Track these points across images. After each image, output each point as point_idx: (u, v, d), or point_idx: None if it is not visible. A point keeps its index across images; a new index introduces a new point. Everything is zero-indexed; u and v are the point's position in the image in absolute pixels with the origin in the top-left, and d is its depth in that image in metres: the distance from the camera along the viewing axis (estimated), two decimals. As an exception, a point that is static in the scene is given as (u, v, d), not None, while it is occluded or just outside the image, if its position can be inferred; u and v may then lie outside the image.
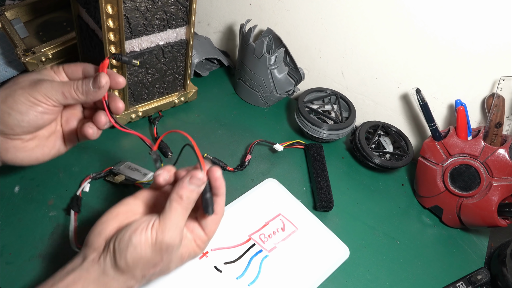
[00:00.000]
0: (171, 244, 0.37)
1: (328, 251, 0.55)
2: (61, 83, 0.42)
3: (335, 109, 0.75)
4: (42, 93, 0.41)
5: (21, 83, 0.42)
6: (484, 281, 0.57)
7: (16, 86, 0.41)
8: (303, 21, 0.74)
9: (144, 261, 0.37)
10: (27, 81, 0.42)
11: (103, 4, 0.50)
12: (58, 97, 0.42)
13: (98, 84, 0.41)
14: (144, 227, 0.37)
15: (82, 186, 0.56)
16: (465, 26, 0.60)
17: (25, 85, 0.41)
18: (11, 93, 0.41)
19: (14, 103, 0.40)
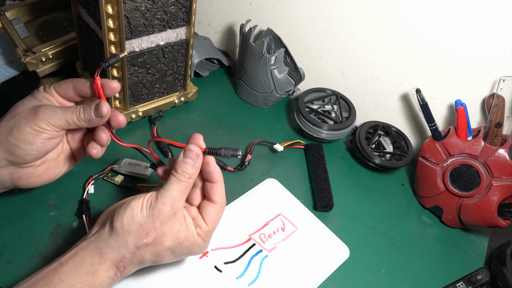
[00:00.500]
0: (162, 210, 0.38)
1: (328, 251, 0.55)
2: (63, 109, 0.43)
3: (335, 109, 0.75)
4: (45, 121, 0.42)
5: (22, 113, 0.42)
6: (484, 281, 0.57)
7: (18, 117, 0.42)
8: (303, 21, 0.74)
9: (137, 224, 0.38)
10: (27, 110, 0.42)
11: (103, 4, 0.50)
12: (61, 124, 0.43)
13: (100, 113, 0.43)
14: (143, 195, 0.40)
15: (87, 188, 0.56)
16: (465, 26, 0.60)
17: (27, 115, 0.42)
18: (16, 125, 0.42)
19: (21, 135, 0.42)
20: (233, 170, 0.64)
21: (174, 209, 0.39)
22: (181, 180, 0.40)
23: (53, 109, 0.42)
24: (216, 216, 0.42)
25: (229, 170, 0.63)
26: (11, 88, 0.69)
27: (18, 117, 0.42)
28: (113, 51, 0.56)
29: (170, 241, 0.40)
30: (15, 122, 0.42)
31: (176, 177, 0.40)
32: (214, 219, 0.42)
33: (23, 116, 0.42)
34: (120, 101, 0.64)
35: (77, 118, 0.43)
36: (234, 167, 0.64)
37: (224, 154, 0.41)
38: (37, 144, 0.42)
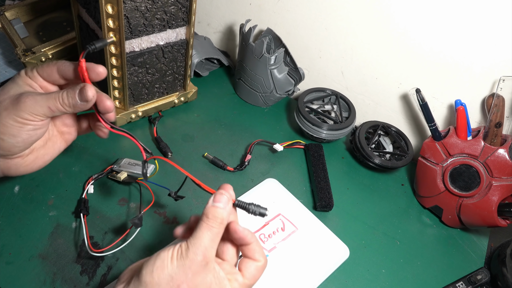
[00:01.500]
0: (194, 260, 0.35)
1: (328, 251, 0.55)
2: (45, 96, 0.40)
3: (335, 109, 0.75)
4: (27, 111, 0.39)
5: (3, 103, 0.40)
6: (484, 281, 0.57)
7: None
8: (303, 21, 0.74)
9: (168, 276, 0.35)
10: (7, 100, 0.40)
11: (103, 4, 0.50)
12: (45, 112, 0.40)
13: (85, 97, 0.40)
14: (173, 246, 0.36)
15: (86, 188, 0.56)
16: (465, 26, 0.60)
17: (7, 105, 0.39)
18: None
19: (4, 127, 0.39)
20: (233, 170, 0.64)
21: (206, 259, 0.36)
22: (213, 226, 0.37)
23: (34, 97, 0.40)
24: (256, 273, 0.39)
25: (229, 170, 0.63)
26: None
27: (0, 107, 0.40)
28: (113, 51, 0.56)
29: None
30: None
31: (207, 223, 0.36)
32: (254, 275, 0.39)
33: (3, 107, 0.39)
34: (120, 101, 0.64)
35: (60, 104, 0.40)
36: (234, 167, 0.64)
37: (253, 210, 0.40)
38: (22, 136, 0.40)
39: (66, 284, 0.47)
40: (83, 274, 0.48)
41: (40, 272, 0.47)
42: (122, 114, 0.64)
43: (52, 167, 0.58)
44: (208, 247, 0.36)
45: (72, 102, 0.40)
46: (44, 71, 0.43)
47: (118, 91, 0.61)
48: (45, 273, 0.47)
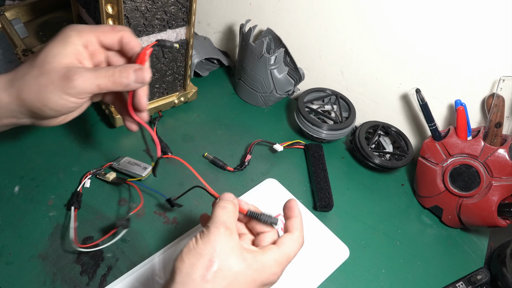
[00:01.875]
0: (217, 232, 0.35)
1: (328, 251, 0.55)
2: (94, 73, 0.38)
3: (335, 109, 0.75)
4: (76, 91, 0.38)
5: (52, 74, 0.38)
6: (484, 281, 0.57)
7: (46, 78, 0.38)
8: (303, 21, 0.74)
9: (197, 255, 0.34)
10: (56, 73, 0.38)
11: (103, 4, 0.50)
12: (93, 90, 0.39)
13: (142, 79, 0.39)
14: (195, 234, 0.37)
15: (83, 182, 0.56)
16: (465, 26, 0.60)
17: (55, 79, 0.38)
18: (43, 90, 0.38)
19: (48, 101, 0.38)
20: (233, 170, 0.64)
21: (229, 230, 0.36)
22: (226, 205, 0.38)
23: (84, 75, 0.38)
24: (292, 243, 0.39)
25: (229, 170, 0.63)
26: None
27: (46, 78, 0.38)
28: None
29: (237, 263, 0.35)
30: (41, 87, 0.38)
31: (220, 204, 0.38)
32: (289, 245, 0.39)
33: (51, 80, 0.37)
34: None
35: (111, 82, 0.38)
36: (234, 167, 0.64)
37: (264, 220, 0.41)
38: (63, 111, 0.40)
39: (66, 284, 0.47)
40: (83, 274, 0.48)
41: (40, 272, 0.47)
42: (122, 114, 0.64)
43: (52, 167, 0.58)
44: (227, 221, 0.36)
45: (125, 82, 0.39)
46: (107, 38, 0.41)
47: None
48: (45, 273, 0.47)
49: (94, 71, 0.39)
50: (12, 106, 0.39)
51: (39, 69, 0.38)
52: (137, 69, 0.39)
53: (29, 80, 0.38)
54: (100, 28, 0.41)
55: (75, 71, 0.38)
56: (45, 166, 0.58)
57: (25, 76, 0.38)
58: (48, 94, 0.38)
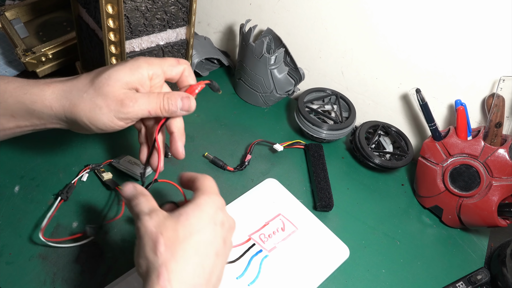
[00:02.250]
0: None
1: (328, 251, 0.55)
2: (146, 99, 0.41)
3: (335, 109, 0.75)
4: (128, 116, 0.40)
5: (108, 98, 0.39)
6: (484, 281, 0.57)
7: (102, 100, 0.39)
8: (303, 21, 0.74)
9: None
10: (114, 97, 0.40)
11: (103, 4, 0.50)
12: (143, 115, 0.41)
13: (188, 107, 0.42)
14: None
15: (80, 175, 0.56)
16: (466, 26, 0.60)
17: (111, 103, 0.39)
18: (96, 110, 0.40)
19: (97, 122, 0.40)
20: (233, 170, 0.64)
21: (148, 214, 0.37)
22: (136, 202, 0.39)
23: (137, 101, 0.40)
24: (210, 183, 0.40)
25: (229, 170, 0.63)
26: (11, 88, 0.69)
27: (103, 100, 0.39)
28: (114, 51, 0.56)
29: (174, 225, 0.36)
30: (96, 106, 0.39)
31: (131, 203, 0.39)
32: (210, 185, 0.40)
33: (107, 103, 0.39)
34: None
35: (160, 109, 0.41)
36: (234, 167, 0.64)
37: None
38: (107, 131, 0.41)
39: (66, 284, 0.47)
40: (83, 274, 0.48)
41: (40, 272, 0.47)
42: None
43: (52, 167, 0.58)
44: (143, 210, 0.37)
45: (172, 109, 0.41)
46: (173, 71, 0.43)
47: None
48: (45, 273, 0.47)
49: (146, 97, 0.41)
50: (61, 115, 0.41)
51: (98, 90, 0.40)
52: (184, 97, 0.42)
53: (85, 98, 0.40)
54: (167, 62, 0.43)
55: (131, 97, 0.40)
56: (45, 166, 0.58)
57: (82, 93, 0.40)
58: (100, 116, 0.40)
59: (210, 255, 0.36)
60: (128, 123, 0.41)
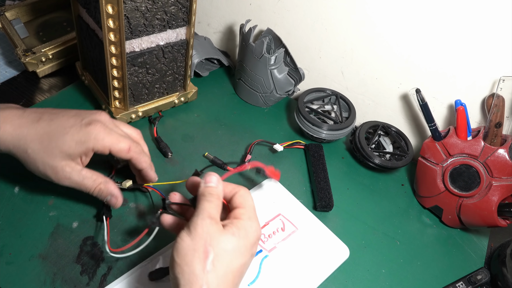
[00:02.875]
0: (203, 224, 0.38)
1: (328, 251, 0.55)
2: (81, 180, 0.47)
3: (335, 109, 0.75)
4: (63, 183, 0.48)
5: (47, 164, 0.46)
6: (484, 281, 0.57)
7: (41, 164, 0.46)
8: (303, 21, 0.74)
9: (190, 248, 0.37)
10: (52, 166, 0.46)
11: (103, 4, 0.50)
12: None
13: (113, 205, 0.51)
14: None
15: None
16: (465, 26, 0.60)
17: (48, 169, 0.47)
18: (38, 167, 0.47)
19: (40, 174, 0.48)
20: (233, 170, 0.64)
21: (214, 219, 0.38)
22: (211, 200, 0.40)
23: (71, 178, 0.47)
24: (245, 195, 0.43)
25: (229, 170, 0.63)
26: (11, 88, 0.69)
27: (41, 165, 0.47)
28: (113, 51, 0.56)
29: (229, 243, 0.37)
30: (37, 165, 0.47)
31: (204, 199, 0.40)
32: (246, 199, 0.43)
33: (44, 168, 0.47)
34: (120, 101, 0.64)
35: (91, 192, 0.48)
36: (234, 167, 0.64)
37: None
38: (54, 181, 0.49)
39: (66, 284, 0.47)
40: (83, 274, 0.48)
41: (40, 272, 0.47)
42: (122, 114, 0.64)
43: (52, 167, 0.58)
44: (212, 212, 0.38)
45: (102, 197, 0.50)
46: (117, 154, 0.48)
47: (118, 91, 0.61)
48: (45, 273, 0.47)
49: (81, 178, 0.47)
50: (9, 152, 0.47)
51: (39, 154, 0.46)
52: (113, 196, 0.49)
53: (29, 154, 0.46)
54: (118, 146, 0.48)
55: (65, 172, 0.47)
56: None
57: (27, 148, 0.46)
58: (41, 172, 0.47)
59: (237, 282, 0.38)
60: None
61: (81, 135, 0.45)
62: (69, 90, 0.70)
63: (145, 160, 0.50)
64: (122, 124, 0.51)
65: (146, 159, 0.50)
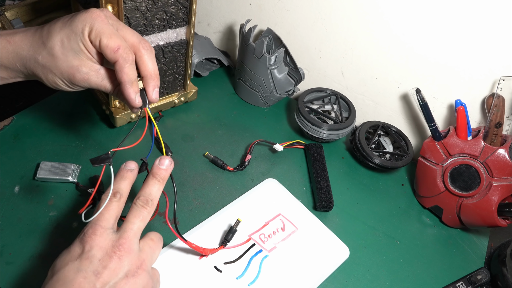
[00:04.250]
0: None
1: (328, 251, 0.55)
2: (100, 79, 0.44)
3: (335, 109, 0.75)
4: (80, 86, 0.44)
5: (61, 67, 0.42)
6: (484, 281, 0.57)
7: (55, 68, 0.42)
8: (303, 21, 0.74)
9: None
10: (66, 68, 0.42)
11: (103, 4, 0.50)
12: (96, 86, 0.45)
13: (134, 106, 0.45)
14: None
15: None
16: (465, 26, 0.60)
17: (64, 73, 0.43)
18: (46, 73, 0.43)
19: (55, 85, 0.44)
20: (233, 170, 0.64)
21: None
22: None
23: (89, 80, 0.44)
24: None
25: (229, 170, 0.63)
26: (11, 88, 0.69)
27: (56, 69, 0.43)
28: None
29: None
30: (46, 71, 0.43)
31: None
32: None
33: (60, 72, 0.43)
34: (120, 101, 0.64)
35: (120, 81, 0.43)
36: (234, 167, 0.64)
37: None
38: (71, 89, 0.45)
39: (66, 284, 0.47)
40: (83, 274, 0.48)
41: (40, 272, 0.47)
42: (123, 114, 0.64)
43: (52, 167, 0.58)
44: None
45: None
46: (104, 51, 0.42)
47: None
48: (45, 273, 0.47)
49: (100, 78, 0.44)
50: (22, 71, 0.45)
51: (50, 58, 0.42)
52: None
53: (40, 63, 0.43)
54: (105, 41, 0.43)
55: (82, 73, 0.43)
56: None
57: (38, 56, 0.42)
58: (54, 80, 0.44)
59: None
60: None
61: (83, 15, 0.41)
62: (69, 90, 0.70)
63: (128, 72, 0.42)
64: (125, 26, 0.44)
65: (130, 72, 0.42)
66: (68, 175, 0.56)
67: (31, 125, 0.63)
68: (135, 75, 0.43)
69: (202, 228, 0.54)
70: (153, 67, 0.44)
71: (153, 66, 0.44)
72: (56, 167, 0.56)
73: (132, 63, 0.43)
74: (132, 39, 0.43)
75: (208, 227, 0.54)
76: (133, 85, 0.43)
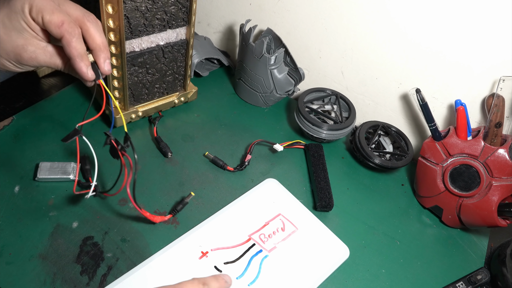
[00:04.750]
0: None
1: (328, 251, 0.55)
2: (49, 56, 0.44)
3: (335, 109, 0.75)
4: (29, 65, 0.44)
5: (2, 49, 0.42)
6: (484, 281, 0.57)
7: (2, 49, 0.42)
8: (303, 21, 0.74)
9: None
10: (8, 47, 0.42)
11: (103, 4, 0.50)
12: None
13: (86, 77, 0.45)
14: None
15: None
16: (465, 26, 0.60)
17: (10, 53, 0.42)
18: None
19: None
20: (233, 170, 0.64)
21: None
22: None
23: (37, 58, 0.44)
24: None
25: (229, 170, 0.63)
26: (11, 87, 0.69)
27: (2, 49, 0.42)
28: (113, 51, 0.56)
29: None
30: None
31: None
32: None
33: (6, 51, 0.43)
34: (120, 101, 0.64)
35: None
36: (234, 167, 0.64)
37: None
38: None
39: (66, 284, 0.47)
40: (83, 274, 0.48)
41: (40, 272, 0.47)
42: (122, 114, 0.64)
43: (52, 167, 0.58)
44: None
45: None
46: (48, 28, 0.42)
47: (118, 91, 0.61)
48: (45, 273, 0.47)
49: (49, 56, 0.44)
50: None
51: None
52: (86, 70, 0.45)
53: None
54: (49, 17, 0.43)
55: (30, 52, 0.43)
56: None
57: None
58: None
59: None
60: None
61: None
62: (69, 90, 0.70)
63: (76, 46, 0.42)
64: (67, 1, 0.44)
65: (78, 46, 0.42)
66: (69, 173, 0.56)
67: (31, 125, 0.63)
68: (83, 48, 0.43)
69: (202, 228, 0.54)
70: (101, 39, 0.45)
71: (101, 38, 0.45)
72: (56, 167, 0.56)
73: (79, 37, 0.43)
74: (76, 13, 0.43)
75: (208, 227, 0.54)
76: (83, 59, 0.43)
